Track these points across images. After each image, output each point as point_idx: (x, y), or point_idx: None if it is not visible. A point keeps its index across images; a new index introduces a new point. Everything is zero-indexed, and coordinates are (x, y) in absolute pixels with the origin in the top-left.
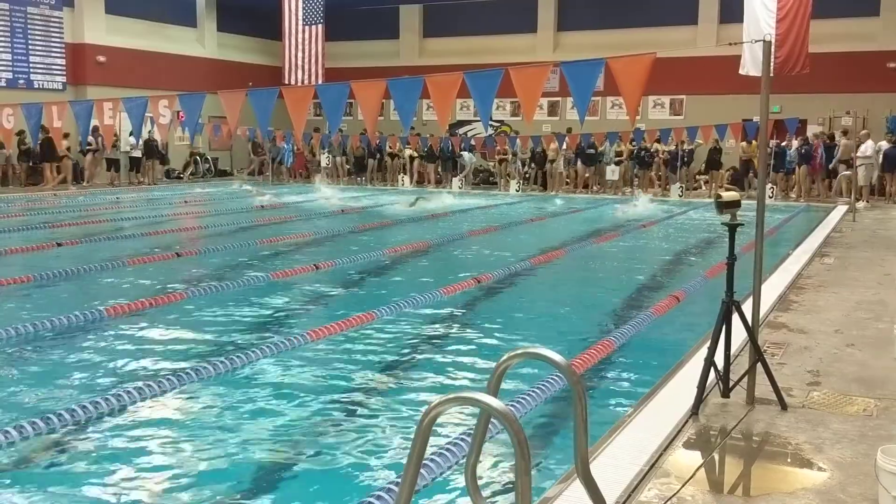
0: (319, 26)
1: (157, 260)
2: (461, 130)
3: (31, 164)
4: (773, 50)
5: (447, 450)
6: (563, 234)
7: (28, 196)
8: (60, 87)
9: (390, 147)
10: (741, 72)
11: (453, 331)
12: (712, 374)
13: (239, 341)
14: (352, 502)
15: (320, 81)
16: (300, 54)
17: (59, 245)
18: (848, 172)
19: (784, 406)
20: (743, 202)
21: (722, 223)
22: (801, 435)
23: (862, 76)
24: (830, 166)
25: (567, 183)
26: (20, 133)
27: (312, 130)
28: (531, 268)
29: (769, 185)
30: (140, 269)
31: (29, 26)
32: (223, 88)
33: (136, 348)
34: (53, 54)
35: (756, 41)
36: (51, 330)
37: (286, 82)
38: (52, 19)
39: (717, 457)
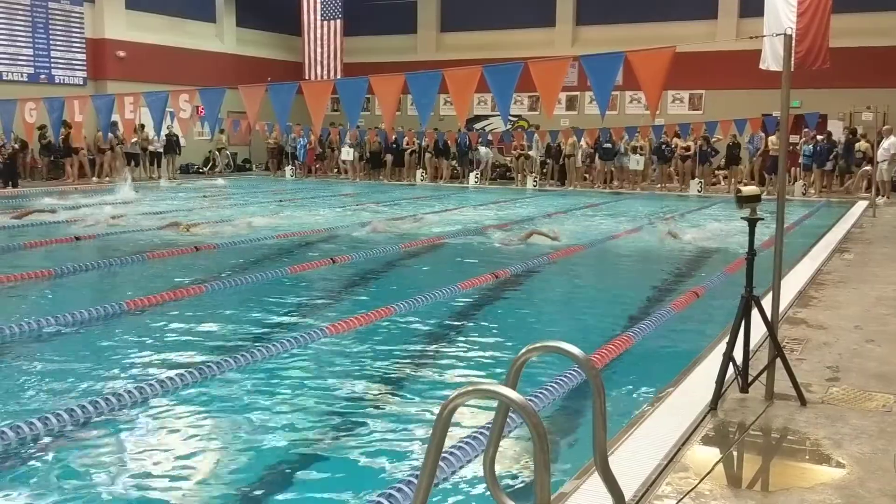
0: (338, 21)
1: (177, 254)
2: (478, 125)
3: (51, 158)
4: (793, 44)
5: (467, 443)
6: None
7: (48, 190)
8: (81, 83)
9: (407, 142)
10: (761, 66)
11: (471, 325)
12: (731, 370)
13: (259, 334)
14: (372, 493)
15: (338, 76)
16: (319, 49)
17: (77, 239)
18: (868, 168)
19: (803, 401)
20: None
21: (742, 218)
22: (820, 430)
23: (883, 71)
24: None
25: (585, 178)
26: (41, 127)
27: (329, 125)
28: (549, 262)
29: (801, 183)
30: (160, 263)
31: (50, 22)
32: (242, 83)
33: (157, 341)
34: (74, 49)
35: (777, 35)
36: (72, 323)
37: (305, 77)
38: (73, 14)
39: (735, 452)
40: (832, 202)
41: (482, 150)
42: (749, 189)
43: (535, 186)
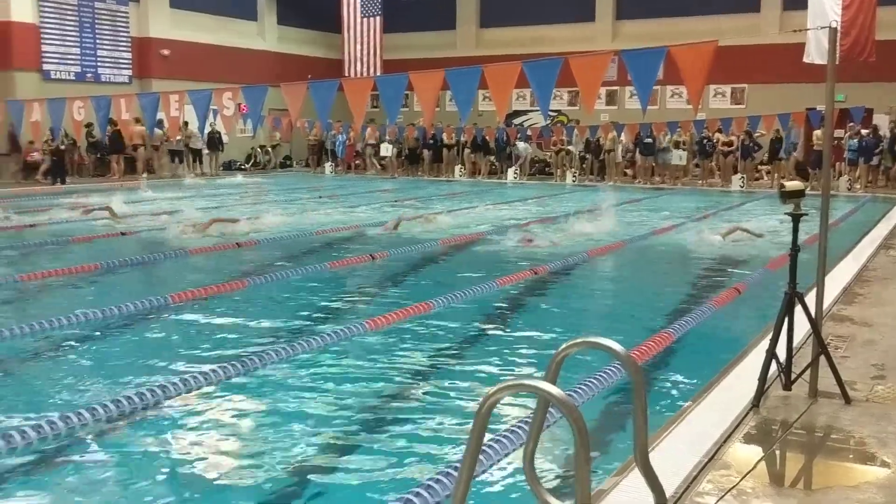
0: (377, 18)
1: (219, 249)
2: (517, 121)
3: (98, 155)
4: (838, 37)
5: (505, 437)
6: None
7: (95, 187)
8: (127, 81)
9: (446, 138)
10: (805, 60)
11: (511, 320)
12: (774, 367)
13: (299, 329)
14: (411, 486)
15: (379, 73)
16: (359, 46)
17: (122, 235)
18: None
19: (847, 399)
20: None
21: (785, 213)
22: (865, 429)
23: None
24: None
25: (625, 174)
26: (88, 125)
27: (369, 122)
28: (588, 259)
29: (846, 178)
30: (203, 258)
31: (97, 21)
32: (283, 81)
33: (200, 334)
34: (120, 48)
35: (821, 28)
36: (118, 316)
37: (346, 75)
38: (119, 14)
39: (777, 450)
40: (878, 197)
41: (521, 145)
42: (792, 184)
43: (574, 182)
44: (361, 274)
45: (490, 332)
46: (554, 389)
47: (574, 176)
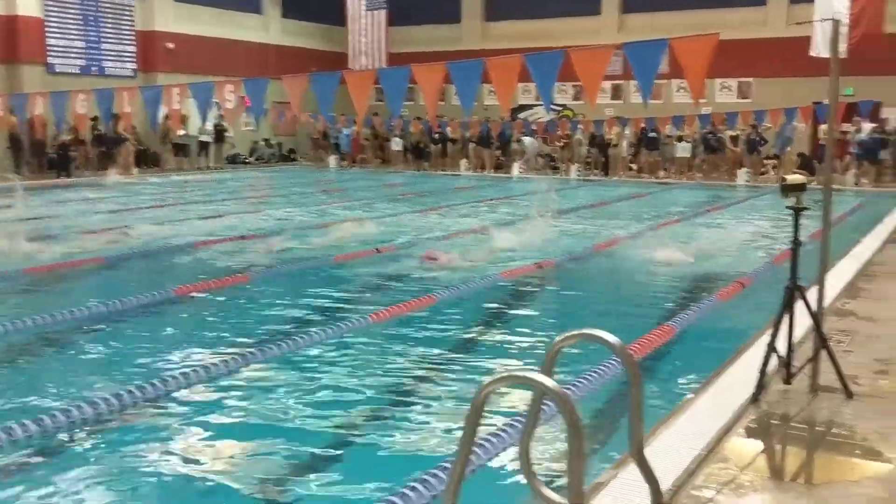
0: (382, 11)
1: (222, 242)
2: (523, 115)
3: (102, 149)
4: (846, 31)
5: (503, 430)
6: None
7: (100, 180)
8: (131, 74)
9: (451, 132)
10: (812, 53)
11: (513, 314)
12: (775, 361)
13: (301, 322)
14: (408, 478)
15: (383, 67)
16: (363, 40)
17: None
18: None
19: (849, 394)
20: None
21: (787, 206)
22: (867, 423)
23: None
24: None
25: (630, 168)
26: (94, 119)
27: (372, 115)
28: (591, 252)
29: (852, 172)
30: (206, 251)
31: (101, 14)
32: (287, 74)
33: (203, 328)
34: (124, 42)
35: (825, 20)
36: (121, 309)
37: (350, 68)
38: (124, 7)
39: (777, 443)
40: (885, 192)
41: (526, 139)
42: (794, 178)
43: (578, 176)
44: (365, 267)
45: (494, 325)
46: (547, 380)
47: (579, 171)
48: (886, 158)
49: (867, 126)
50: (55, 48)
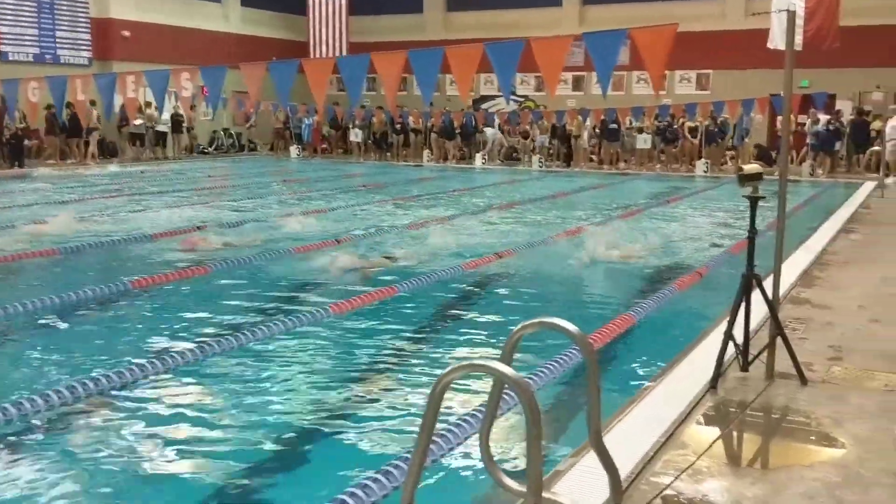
0: (343, 0)
1: (181, 233)
2: (485, 105)
3: (67, 138)
4: (802, 23)
5: (465, 420)
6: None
7: (56, 172)
8: (86, 63)
9: (413, 122)
10: (769, 45)
11: (475, 305)
12: (732, 349)
13: (260, 314)
14: (368, 471)
15: (345, 56)
16: (324, 29)
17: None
18: (878, 148)
19: (804, 381)
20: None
21: (743, 196)
22: (821, 409)
23: (893, 50)
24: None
25: (591, 159)
26: (49, 107)
27: (334, 105)
28: (552, 244)
29: (808, 163)
30: (166, 243)
31: (55, 1)
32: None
33: (161, 320)
34: (79, 29)
35: (780, 11)
36: (76, 302)
37: (311, 57)
38: None
39: (734, 430)
40: (840, 182)
41: (488, 131)
42: (750, 167)
43: (540, 167)
44: (326, 258)
45: (455, 316)
46: (506, 368)
47: (540, 162)
48: (840, 150)
49: (823, 118)
50: (8, 36)
